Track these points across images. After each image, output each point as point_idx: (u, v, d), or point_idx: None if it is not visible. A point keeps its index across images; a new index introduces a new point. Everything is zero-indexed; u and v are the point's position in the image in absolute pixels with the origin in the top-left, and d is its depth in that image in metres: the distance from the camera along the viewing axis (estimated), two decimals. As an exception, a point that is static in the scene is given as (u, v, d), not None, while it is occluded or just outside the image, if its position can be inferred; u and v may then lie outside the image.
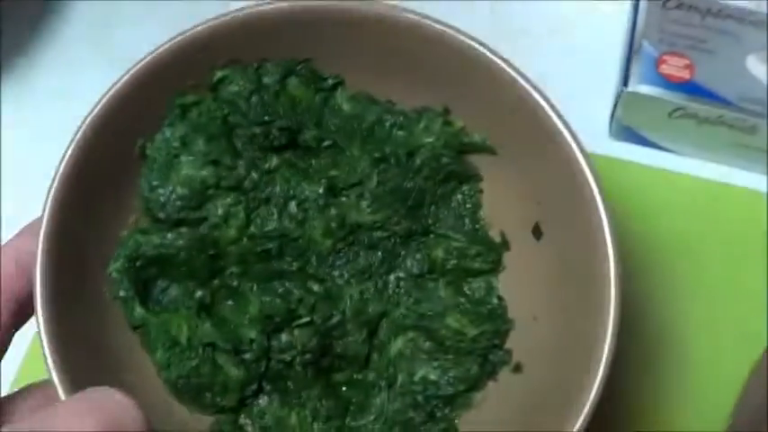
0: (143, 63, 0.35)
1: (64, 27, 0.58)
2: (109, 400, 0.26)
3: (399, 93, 0.39)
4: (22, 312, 0.32)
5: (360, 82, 0.39)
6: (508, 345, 0.38)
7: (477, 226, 0.39)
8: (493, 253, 0.39)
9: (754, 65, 0.47)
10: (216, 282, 0.38)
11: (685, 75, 0.47)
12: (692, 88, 0.47)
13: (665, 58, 0.48)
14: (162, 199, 0.37)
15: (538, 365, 0.37)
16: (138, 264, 0.36)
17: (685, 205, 0.49)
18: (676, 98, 0.47)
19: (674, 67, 0.47)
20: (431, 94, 0.38)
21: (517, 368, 0.37)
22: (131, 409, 0.26)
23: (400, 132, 0.39)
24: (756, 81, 0.47)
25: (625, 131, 0.50)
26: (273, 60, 0.38)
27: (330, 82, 0.39)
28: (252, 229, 0.38)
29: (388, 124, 0.39)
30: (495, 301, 0.39)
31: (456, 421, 0.38)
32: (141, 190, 0.37)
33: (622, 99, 0.48)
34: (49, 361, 0.32)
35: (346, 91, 0.39)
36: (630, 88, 0.47)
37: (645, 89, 0.47)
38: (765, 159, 0.49)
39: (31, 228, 0.33)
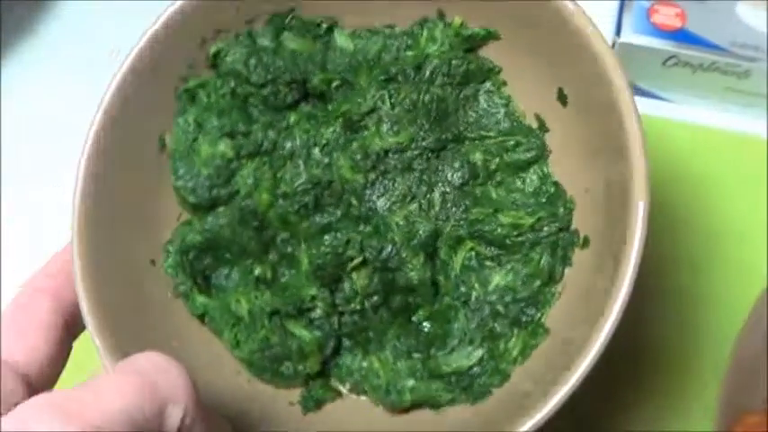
0: (133, 54, 0.34)
1: (66, 6, 0.59)
2: (154, 372, 0.25)
3: (395, 13, 0.38)
4: (78, 320, 0.32)
5: (352, 17, 0.38)
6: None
7: (512, 118, 0.38)
8: (534, 138, 0.37)
9: (745, 10, 0.48)
10: (273, 255, 0.37)
11: (677, 23, 0.48)
12: (683, 36, 0.48)
13: (656, 7, 0.48)
14: (190, 184, 0.37)
15: (600, 234, 0.35)
16: (190, 256, 0.36)
17: (684, 152, 0.50)
18: (669, 46, 0.48)
19: (666, 16, 0.48)
20: (423, 3, 0.37)
21: (585, 243, 0.36)
22: (178, 379, 0.25)
23: (408, 52, 0.38)
24: (748, 26, 0.48)
25: (620, 82, 0.51)
26: (259, 20, 0.37)
27: (324, 26, 0.38)
28: (283, 187, 0.37)
29: (394, 48, 0.38)
30: (551, 188, 0.37)
31: (543, 319, 0.36)
32: (171, 181, 0.37)
33: (615, 50, 0.48)
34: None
35: (343, 30, 0.38)
36: (623, 39, 0.48)
37: (637, 39, 0.48)
38: (760, 103, 0.50)
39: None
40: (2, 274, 0.50)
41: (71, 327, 0.32)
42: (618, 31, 0.48)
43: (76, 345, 0.32)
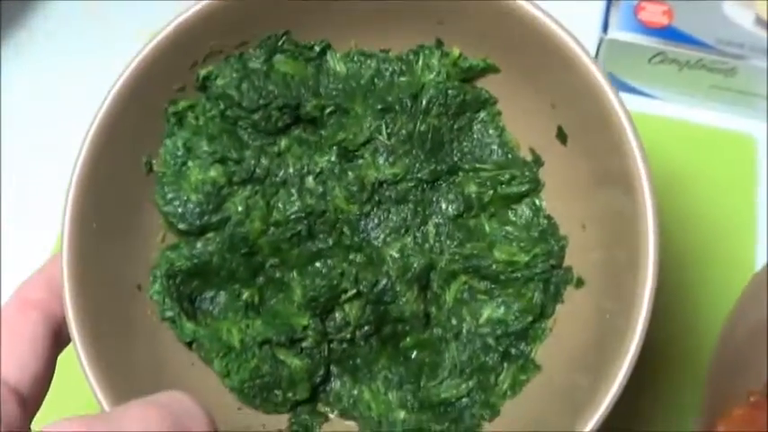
0: (123, 78, 0.34)
1: (61, 5, 0.59)
2: (177, 407, 0.25)
3: (391, 39, 0.37)
4: (64, 335, 0.32)
5: (347, 39, 0.37)
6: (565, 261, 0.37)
7: (506, 149, 0.38)
8: (528, 172, 0.37)
9: (732, 8, 0.48)
10: (260, 279, 0.37)
11: (663, 20, 0.48)
12: (670, 33, 0.48)
13: (643, 4, 0.49)
14: (180, 210, 0.36)
15: (597, 275, 0.35)
16: (177, 280, 0.36)
17: (671, 149, 0.50)
18: (655, 43, 0.48)
19: (653, 13, 0.48)
20: (421, 30, 0.37)
21: (579, 283, 0.36)
22: (195, 410, 0.26)
23: (402, 78, 0.37)
24: (734, 24, 0.48)
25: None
26: (253, 42, 0.36)
27: (317, 48, 0.37)
28: (275, 215, 0.37)
29: (388, 73, 0.38)
30: (543, 221, 0.37)
31: (533, 355, 0.36)
32: (158, 206, 0.36)
33: (603, 46, 0.49)
34: (99, 396, 0.30)
35: (336, 52, 0.38)
36: (610, 35, 0.48)
37: (624, 36, 0.48)
38: (746, 101, 0.50)
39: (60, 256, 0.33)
40: (2, 273, 0.50)
41: (58, 339, 0.31)
42: (605, 28, 0.48)
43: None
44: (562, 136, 0.36)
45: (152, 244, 0.36)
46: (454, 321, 0.37)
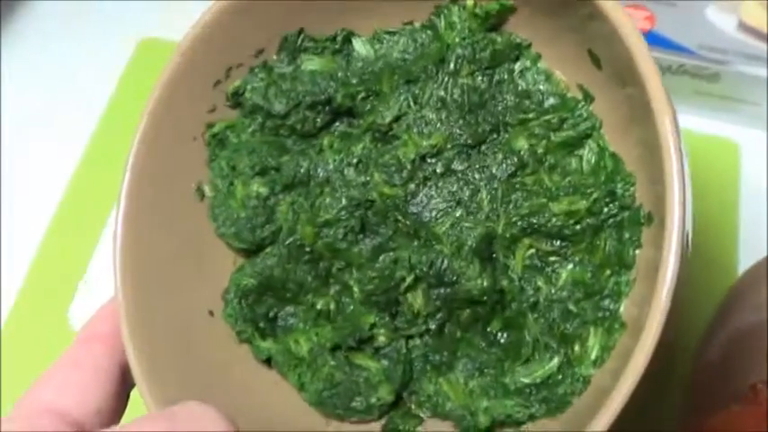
0: (145, 115, 0.33)
1: (47, 5, 0.59)
2: (186, 408, 0.26)
3: (410, 8, 0.36)
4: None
5: (369, 19, 0.36)
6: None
7: (557, 91, 0.34)
8: (581, 111, 0.33)
9: (714, 13, 0.48)
10: (334, 288, 0.36)
11: (646, 26, 0.48)
12: (652, 39, 0.48)
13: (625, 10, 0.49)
14: (233, 230, 0.35)
15: (659, 206, 0.30)
16: (249, 300, 0.35)
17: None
18: (637, 49, 0.48)
19: (635, 19, 0.48)
20: None
21: (649, 219, 0.31)
22: (210, 413, 0.26)
23: (434, 45, 0.35)
24: (716, 29, 0.48)
25: (590, 84, 0.51)
26: (270, 48, 0.35)
27: (340, 38, 0.36)
28: (323, 216, 0.35)
29: (419, 43, 0.36)
30: (609, 162, 0.33)
31: (619, 313, 0.31)
32: (214, 230, 0.35)
33: (585, 52, 0.49)
34: None
35: (361, 37, 0.36)
36: (592, 41, 0.48)
37: (606, 41, 0.48)
38: (730, 107, 0.50)
39: None
40: (2, 272, 0.50)
41: (127, 374, 0.31)
42: (587, 34, 0.48)
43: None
44: (595, 59, 0.32)
45: (222, 270, 0.36)
46: (529, 291, 0.34)
